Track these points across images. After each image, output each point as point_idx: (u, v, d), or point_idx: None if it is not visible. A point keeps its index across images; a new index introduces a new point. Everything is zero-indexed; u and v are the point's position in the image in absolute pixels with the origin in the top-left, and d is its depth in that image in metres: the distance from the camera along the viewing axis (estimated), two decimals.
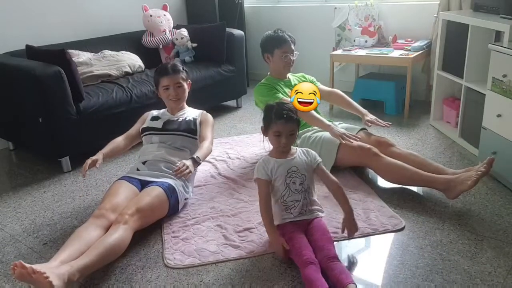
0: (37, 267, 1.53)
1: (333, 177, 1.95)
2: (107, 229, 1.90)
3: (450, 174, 2.25)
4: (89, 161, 2.17)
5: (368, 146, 2.40)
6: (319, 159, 1.94)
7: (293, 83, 2.76)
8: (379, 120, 2.57)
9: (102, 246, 1.74)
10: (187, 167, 2.09)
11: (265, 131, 1.93)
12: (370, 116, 2.63)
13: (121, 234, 1.83)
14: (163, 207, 2.11)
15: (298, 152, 1.93)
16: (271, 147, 1.95)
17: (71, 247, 1.76)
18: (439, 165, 2.37)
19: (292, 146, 1.93)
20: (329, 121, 2.64)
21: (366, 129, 2.68)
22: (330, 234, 1.85)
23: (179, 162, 2.12)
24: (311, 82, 2.85)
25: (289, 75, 2.82)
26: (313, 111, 2.54)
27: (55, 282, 1.50)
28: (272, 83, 2.73)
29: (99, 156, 2.22)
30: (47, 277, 1.49)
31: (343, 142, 2.42)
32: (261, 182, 1.88)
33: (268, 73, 2.81)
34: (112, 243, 1.77)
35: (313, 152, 1.96)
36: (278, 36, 2.69)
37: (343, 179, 2.49)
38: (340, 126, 2.75)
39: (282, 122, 1.84)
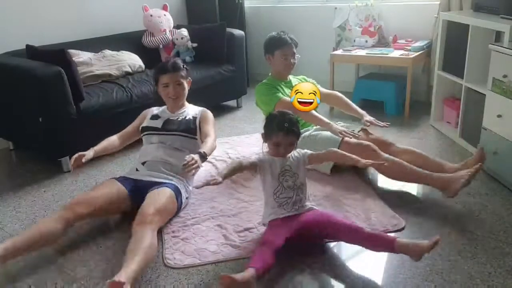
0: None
1: (324, 152, 2.02)
2: (68, 222, 1.92)
3: (449, 168, 2.29)
4: (76, 155, 2.18)
5: (367, 142, 2.42)
6: (307, 151, 2.00)
7: (293, 84, 2.76)
8: (378, 121, 2.60)
9: (140, 251, 1.71)
10: (196, 162, 2.01)
11: (265, 138, 1.96)
12: (369, 117, 2.66)
13: (150, 234, 1.81)
14: (174, 208, 2.14)
15: (291, 154, 1.97)
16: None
17: (21, 237, 1.84)
18: (439, 160, 2.40)
19: None
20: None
21: (366, 129, 2.69)
22: (328, 212, 1.93)
23: (188, 156, 2.02)
24: (312, 83, 2.86)
25: (290, 77, 2.83)
26: (313, 110, 2.55)
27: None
28: (273, 83, 2.74)
29: (89, 152, 2.22)
30: None
31: (344, 138, 2.43)
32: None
33: (270, 74, 2.82)
34: (147, 245, 1.75)
35: (302, 150, 2.02)
36: (280, 38, 2.70)
37: (344, 180, 2.49)
38: (340, 126, 2.75)
39: (283, 134, 1.87)
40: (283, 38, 2.70)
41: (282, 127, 1.87)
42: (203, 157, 2.13)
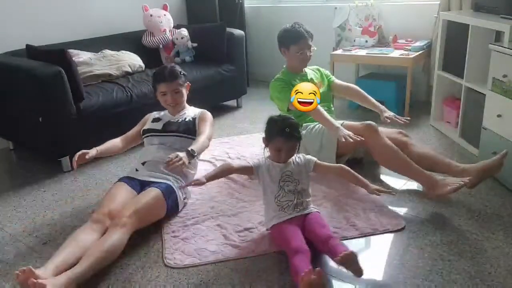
0: (39, 273, 1.57)
1: (334, 165, 2.07)
2: (103, 233, 1.90)
3: (460, 168, 2.29)
4: (79, 152, 2.18)
5: (369, 121, 2.40)
6: (313, 158, 1.99)
7: (309, 77, 2.72)
8: (398, 116, 2.56)
9: (98, 252, 1.74)
10: (180, 159, 2.03)
11: (266, 143, 1.95)
12: (389, 113, 2.61)
13: (118, 238, 1.82)
14: (160, 209, 2.11)
15: (293, 159, 1.96)
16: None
17: (66, 251, 1.77)
18: (450, 161, 2.39)
19: None
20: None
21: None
22: (326, 222, 1.89)
23: (172, 154, 2.06)
24: (326, 76, 2.85)
25: (305, 69, 2.78)
26: (323, 110, 2.51)
27: None
28: (288, 77, 2.68)
29: (92, 151, 2.23)
30: None
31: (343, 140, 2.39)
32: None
33: (284, 66, 2.77)
34: (108, 248, 1.77)
35: (307, 156, 2.01)
36: (295, 32, 2.62)
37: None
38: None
39: (284, 139, 1.87)
40: (298, 32, 2.61)
41: (283, 132, 1.86)
42: (191, 155, 2.12)
